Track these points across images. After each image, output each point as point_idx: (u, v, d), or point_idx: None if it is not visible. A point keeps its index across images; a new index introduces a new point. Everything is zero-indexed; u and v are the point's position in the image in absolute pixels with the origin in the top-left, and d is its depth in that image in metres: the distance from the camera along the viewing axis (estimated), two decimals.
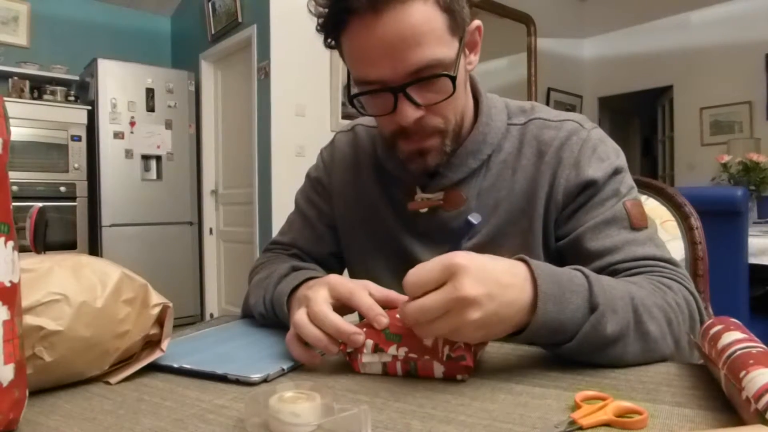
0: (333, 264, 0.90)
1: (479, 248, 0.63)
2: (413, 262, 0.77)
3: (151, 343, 0.57)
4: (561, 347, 0.53)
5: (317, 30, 0.69)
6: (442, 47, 0.62)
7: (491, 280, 0.48)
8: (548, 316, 0.50)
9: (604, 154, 0.71)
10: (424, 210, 0.76)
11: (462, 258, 0.48)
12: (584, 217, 0.69)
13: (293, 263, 0.76)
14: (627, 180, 0.72)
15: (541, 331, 0.51)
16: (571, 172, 0.70)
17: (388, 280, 0.77)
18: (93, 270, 0.53)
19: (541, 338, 0.53)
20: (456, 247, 0.55)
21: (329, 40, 0.69)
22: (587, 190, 0.69)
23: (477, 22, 0.69)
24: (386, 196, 0.81)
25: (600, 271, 0.62)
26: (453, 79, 0.63)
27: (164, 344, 0.56)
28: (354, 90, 0.68)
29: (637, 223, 0.67)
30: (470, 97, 0.75)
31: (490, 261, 0.50)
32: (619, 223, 0.67)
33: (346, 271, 0.91)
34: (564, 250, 0.71)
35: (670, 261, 0.66)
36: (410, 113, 0.64)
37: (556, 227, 0.72)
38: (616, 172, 0.70)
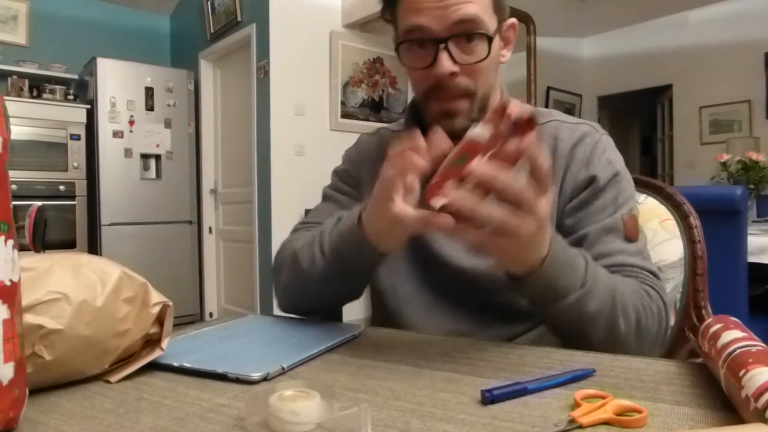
0: None
1: None
2: (434, 252, 0.79)
3: (151, 341, 0.57)
4: (545, 309, 0.62)
5: None
6: (485, 14, 0.70)
7: None
8: (550, 274, 0.59)
9: (612, 158, 0.78)
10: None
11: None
12: (586, 220, 0.75)
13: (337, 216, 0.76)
14: (627, 187, 0.77)
15: (538, 285, 0.59)
16: (582, 168, 0.76)
17: (408, 270, 0.82)
18: (93, 269, 0.53)
19: (535, 293, 0.61)
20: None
21: (388, 8, 0.76)
22: (590, 187, 0.75)
23: (513, 20, 0.77)
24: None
25: None
26: (490, 40, 0.70)
27: (164, 343, 0.56)
28: (398, 42, 0.74)
29: (631, 235, 0.73)
30: (500, 89, 0.81)
31: None
32: (615, 232, 0.73)
33: None
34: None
35: (653, 272, 0.73)
36: (447, 65, 0.70)
37: (562, 218, 0.77)
38: (618, 176, 0.76)
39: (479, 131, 0.50)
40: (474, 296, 0.78)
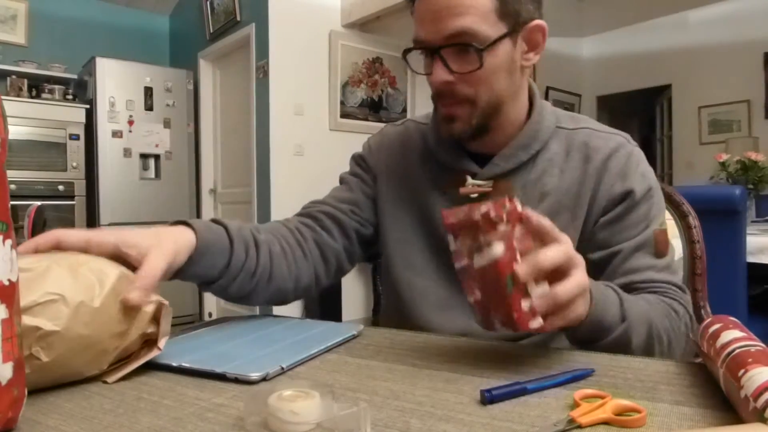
0: (368, 234, 0.89)
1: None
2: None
3: (149, 341, 0.57)
4: (593, 345, 0.63)
5: None
6: (481, 24, 0.69)
7: None
8: (597, 315, 0.59)
9: (646, 171, 0.78)
10: (474, 196, 0.79)
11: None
12: (619, 236, 0.75)
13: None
14: (658, 203, 0.78)
15: (588, 328, 0.60)
16: (617, 181, 0.76)
17: (423, 263, 0.83)
18: (91, 269, 0.52)
19: (585, 335, 0.62)
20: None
21: (411, 8, 0.76)
22: (626, 201, 0.76)
23: (537, 22, 0.74)
24: (435, 184, 0.84)
25: (622, 285, 0.71)
26: (480, 51, 0.70)
27: (161, 342, 0.56)
28: (409, 48, 0.77)
29: (662, 250, 0.76)
30: (524, 94, 0.81)
31: None
32: (646, 248, 0.74)
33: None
34: (595, 259, 0.77)
35: (680, 287, 0.75)
36: (440, 75, 0.72)
37: (594, 230, 0.77)
38: (652, 191, 0.77)
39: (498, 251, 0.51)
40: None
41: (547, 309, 0.51)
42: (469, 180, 0.79)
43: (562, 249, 0.51)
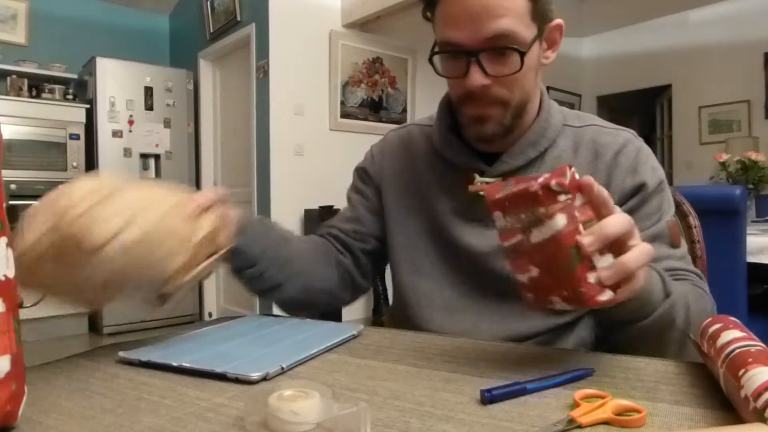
0: (373, 247, 0.91)
1: None
2: (462, 248, 0.80)
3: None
4: (635, 324, 0.61)
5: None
6: (519, 26, 0.69)
7: None
8: (645, 288, 0.56)
9: (655, 165, 0.79)
10: (482, 193, 0.78)
11: None
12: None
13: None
14: (668, 196, 0.79)
15: (636, 304, 0.58)
16: (627, 175, 0.76)
17: (430, 266, 0.83)
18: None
19: (631, 312, 0.59)
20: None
21: (428, 9, 0.75)
22: (639, 194, 0.76)
23: (558, 21, 0.76)
24: (441, 185, 0.84)
25: None
26: (522, 54, 0.69)
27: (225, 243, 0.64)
28: (436, 51, 0.75)
29: (675, 241, 0.76)
30: (539, 91, 0.81)
31: None
32: (662, 239, 0.74)
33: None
34: None
35: (699, 275, 0.75)
36: (478, 79, 0.71)
37: None
38: (663, 184, 0.78)
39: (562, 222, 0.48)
40: (497, 288, 0.77)
41: (616, 280, 0.49)
42: (477, 178, 0.79)
43: (624, 218, 0.50)
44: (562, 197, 0.48)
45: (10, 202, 3.37)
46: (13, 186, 3.46)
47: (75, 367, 0.58)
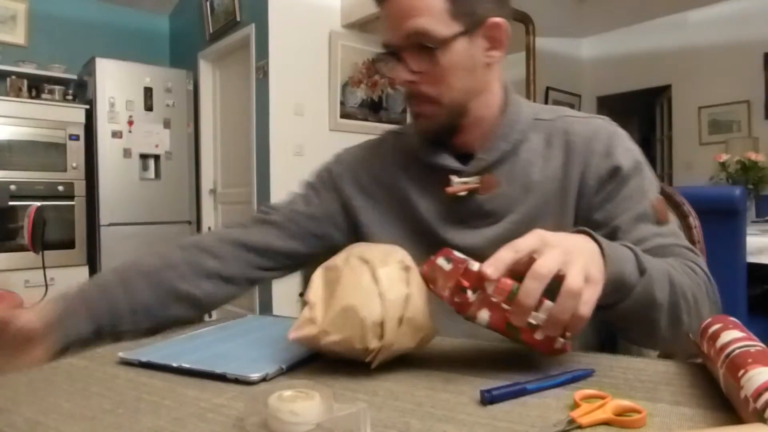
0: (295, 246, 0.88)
1: (516, 227, 0.76)
2: (450, 248, 0.79)
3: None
4: (614, 308, 0.60)
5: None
6: (435, 24, 0.72)
7: (568, 239, 0.55)
8: (615, 268, 0.57)
9: (630, 147, 0.79)
10: (463, 194, 0.80)
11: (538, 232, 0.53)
12: (616, 209, 0.75)
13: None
14: (649, 175, 0.78)
15: (609, 288, 0.56)
16: (602, 160, 0.76)
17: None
18: None
19: (607, 297, 0.57)
20: (495, 225, 0.76)
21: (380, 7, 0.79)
22: (615, 178, 0.75)
23: (496, 20, 0.75)
24: (420, 189, 0.85)
25: None
26: (434, 50, 0.72)
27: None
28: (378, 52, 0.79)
29: (662, 218, 0.75)
30: (494, 89, 0.81)
31: (555, 234, 0.55)
32: (648, 219, 0.74)
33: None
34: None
35: (691, 249, 0.74)
36: (401, 74, 0.75)
37: (590, 213, 0.77)
38: (640, 165, 0.77)
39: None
40: None
41: (559, 331, 0.50)
42: (455, 179, 0.80)
43: (508, 249, 0.51)
44: (471, 296, 0.52)
45: (10, 203, 3.36)
46: (12, 186, 3.46)
47: (75, 367, 0.58)
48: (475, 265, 0.52)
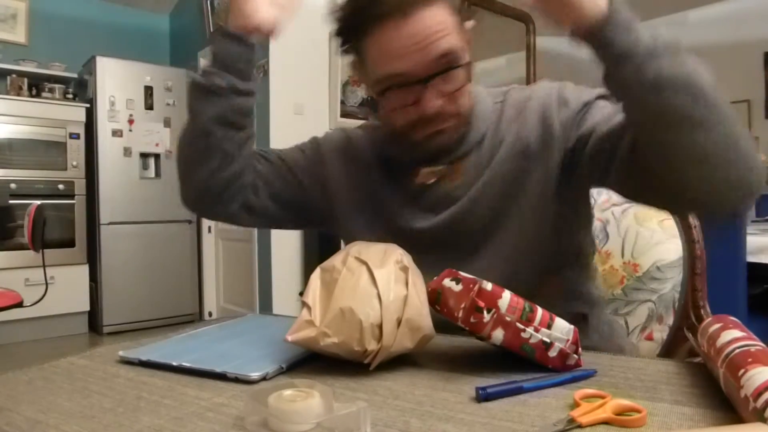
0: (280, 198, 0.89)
1: (488, 185, 0.76)
2: (416, 234, 0.81)
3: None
4: (636, 62, 0.61)
5: (335, 35, 0.76)
6: (456, 41, 0.72)
7: None
8: (620, 18, 0.61)
9: (581, 88, 0.79)
10: (432, 181, 0.80)
11: None
12: (590, 118, 0.74)
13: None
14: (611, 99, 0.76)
15: (617, 32, 0.60)
16: (561, 109, 0.76)
17: None
18: None
19: (616, 42, 0.61)
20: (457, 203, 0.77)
21: (347, 46, 0.76)
22: (582, 110, 0.75)
23: (473, 23, 0.77)
24: (390, 182, 0.84)
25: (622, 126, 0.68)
26: (467, 66, 0.72)
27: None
28: (375, 90, 0.75)
29: None
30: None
31: None
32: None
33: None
34: (591, 152, 0.72)
35: None
36: (434, 103, 0.72)
37: (577, 143, 0.74)
38: (599, 97, 0.76)
39: None
40: (441, 265, 0.72)
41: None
42: (425, 168, 0.80)
43: None
44: (486, 317, 0.52)
45: (10, 202, 3.35)
46: (13, 185, 3.46)
47: (75, 367, 0.59)
48: (488, 285, 0.53)
